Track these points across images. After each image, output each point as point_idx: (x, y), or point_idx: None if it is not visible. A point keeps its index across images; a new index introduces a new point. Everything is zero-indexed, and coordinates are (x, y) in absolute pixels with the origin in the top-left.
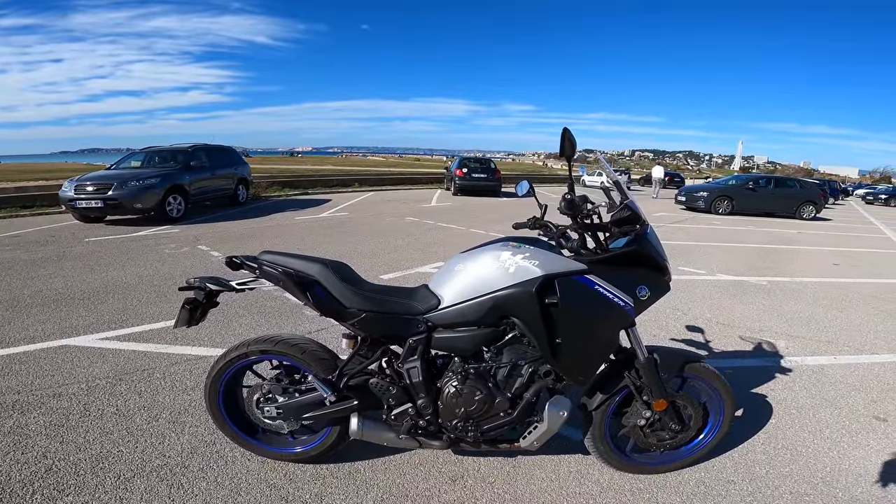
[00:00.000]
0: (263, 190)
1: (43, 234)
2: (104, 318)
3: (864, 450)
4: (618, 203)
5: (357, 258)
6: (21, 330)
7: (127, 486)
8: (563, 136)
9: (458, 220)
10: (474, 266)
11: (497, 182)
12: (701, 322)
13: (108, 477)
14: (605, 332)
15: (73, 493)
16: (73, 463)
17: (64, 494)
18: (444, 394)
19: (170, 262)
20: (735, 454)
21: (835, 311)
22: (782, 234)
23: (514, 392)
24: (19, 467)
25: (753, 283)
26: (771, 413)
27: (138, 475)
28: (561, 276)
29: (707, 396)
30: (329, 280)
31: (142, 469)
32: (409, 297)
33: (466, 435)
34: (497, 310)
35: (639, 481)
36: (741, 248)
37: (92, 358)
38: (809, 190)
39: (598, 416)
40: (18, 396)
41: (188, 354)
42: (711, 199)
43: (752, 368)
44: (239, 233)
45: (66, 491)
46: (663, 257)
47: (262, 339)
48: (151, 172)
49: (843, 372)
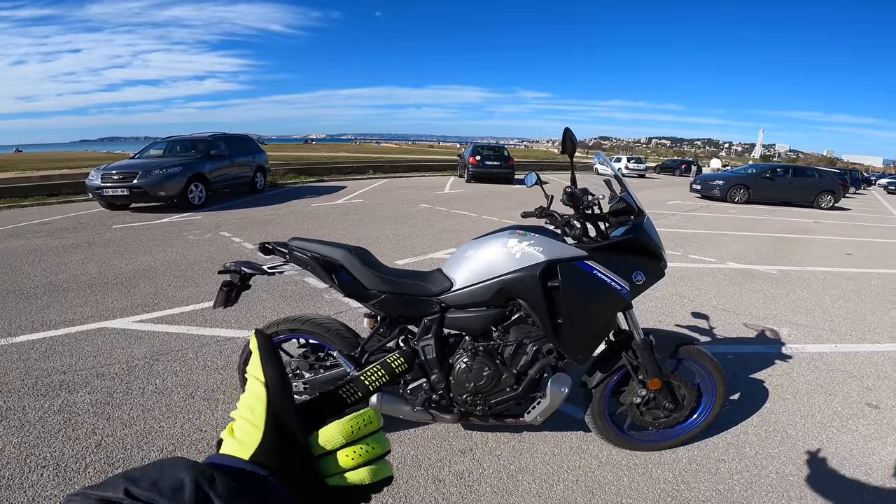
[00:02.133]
0: (280, 177)
1: (72, 222)
2: (137, 301)
3: (852, 434)
4: (617, 195)
5: (373, 244)
6: (60, 313)
7: None
8: (565, 135)
9: (470, 207)
10: (484, 252)
11: (510, 169)
12: (707, 309)
13: (152, 451)
14: (602, 313)
15: (122, 467)
16: (119, 438)
17: (114, 468)
18: (456, 369)
19: (194, 247)
20: (728, 435)
21: (841, 301)
22: (798, 223)
23: (519, 369)
24: (71, 444)
25: (763, 272)
26: (767, 397)
27: (179, 449)
28: (562, 262)
29: (700, 378)
30: (352, 264)
31: (181, 443)
32: (425, 280)
33: (475, 409)
34: (504, 292)
35: (635, 457)
36: (754, 237)
37: (129, 339)
38: (828, 179)
39: (597, 393)
40: (64, 377)
41: (217, 336)
42: (727, 188)
43: (753, 354)
44: (258, 219)
45: (116, 465)
46: (659, 245)
47: (291, 319)
48: (174, 161)
49: (841, 360)
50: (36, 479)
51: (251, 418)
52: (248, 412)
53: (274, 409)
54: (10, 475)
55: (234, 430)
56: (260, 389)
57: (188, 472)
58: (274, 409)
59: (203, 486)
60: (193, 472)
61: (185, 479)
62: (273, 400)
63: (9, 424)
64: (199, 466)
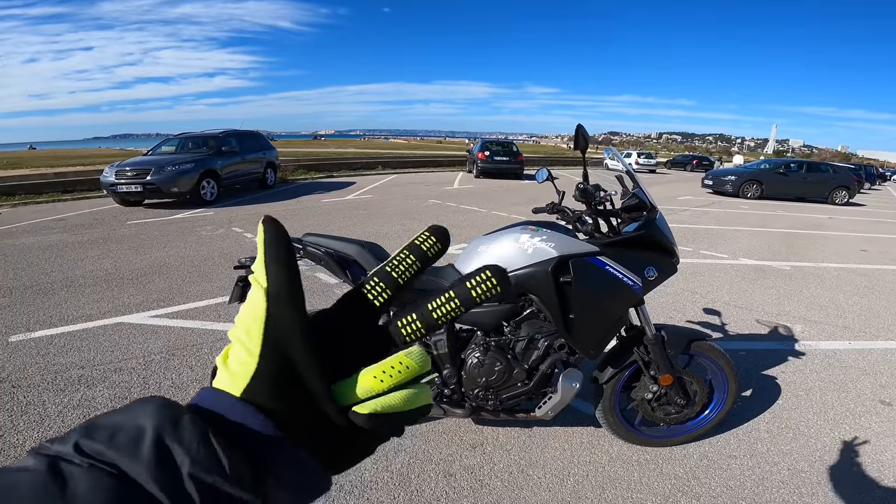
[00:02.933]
0: (290, 173)
1: (86, 218)
2: (152, 296)
3: (865, 432)
4: (629, 191)
5: (383, 240)
6: (78, 308)
7: None
8: (577, 132)
9: (480, 202)
10: (496, 247)
11: (519, 165)
12: (719, 305)
13: None
14: (614, 308)
15: None
16: None
17: None
18: (467, 364)
19: (207, 243)
20: (739, 431)
21: (855, 297)
22: (812, 219)
23: (530, 364)
24: None
25: (776, 268)
26: (779, 394)
27: None
28: (575, 257)
29: (712, 374)
30: (365, 259)
31: None
32: (437, 275)
33: (486, 404)
34: (516, 287)
35: (646, 453)
36: (767, 233)
37: (146, 334)
38: (842, 175)
39: (608, 389)
40: (83, 371)
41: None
42: (740, 183)
43: (765, 351)
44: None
45: None
46: (672, 241)
47: None
48: (186, 157)
49: (855, 357)
50: None
51: (246, 341)
52: (244, 332)
53: (275, 329)
54: None
55: (227, 357)
56: (260, 299)
57: (152, 419)
58: (275, 329)
59: (165, 437)
60: (158, 419)
61: (145, 428)
62: (274, 315)
63: (29, 419)
64: (171, 410)
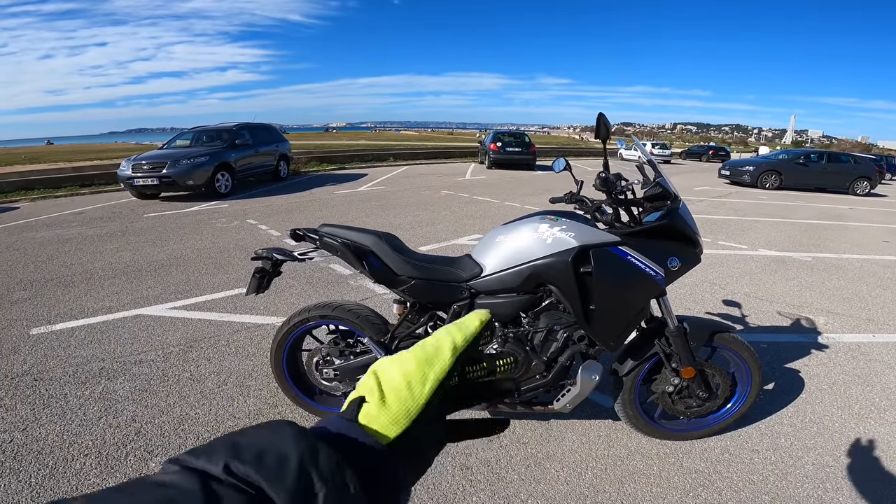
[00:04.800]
0: (303, 165)
1: (105, 211)
2: (170, 288)
3: (890, 426)
4: (651, 180)
5: (396, 231)
6: (98, 301)
7: None
8: (599, 120)
9: (492, 193)
10: (514, 237)
11: (532, 156)
12: (739, 297)
13: (189, 438)
14: (636, 299)
15: (161, 454)
16: (158, 426)
17: (153, 455)
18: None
19: (223, 235)
20: (762, 425)
21: (879, 290)
22: (832, 209)
23: (549, 356)
24: (112, 431)
25: (797, 259)
26: (802, 388)
27: (214, 436)
28: (595, 247)
29: (735, 366)
30: (382, 250)
31: (216, 430)
32: (454, 266)
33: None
34: (535, 278)
35: (665, 447)
36: (787, 224)
37: (164, 326)
38: (864, 165)
39: (628, 381)
40: (104, 364)
41: (247, 322)
42: (758, 174)
43: (788, 344)
44: (283, 207)
45: (155, 452)
46: (695, 231)
47: (321, 306)
48: (201, 151)
49: (879, 350)
50: (79, 468)
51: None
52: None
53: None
54: (55, 463)
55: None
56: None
57: (295, 446)
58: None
59: (306, 464)
60: (300, 446)
61: (290, 455)
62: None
63: (51, 413)
64: (306, 437)
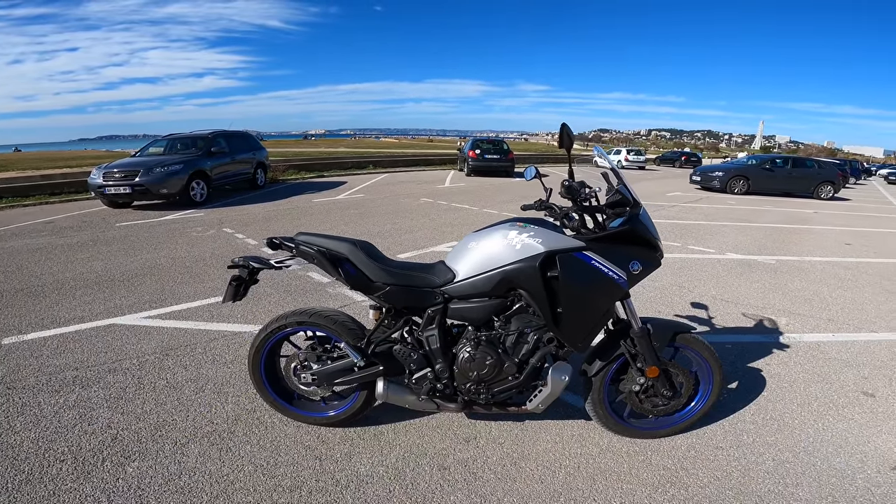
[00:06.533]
0: (281, 173)
1: (75, 220)
2: (144, 298)
3: (847, 423)
4: (614, 187)
5: (375, 238)
6: (70, 310)
7: (183, 451)
8: (562, 130)
9: (471, 200)
10: (485, 243)
11: (510, 163)
12: (706, 299)
13: (166, 443)
14: (600, 302)
15: (138, 459)
16: (134, 432)
17: (130, 461)
18: (459, 359)
19: (198, 244)
20: (725, 423)
21: (839, 290)
22: (798, 213)
23: (521, 357)
24: (88, 437)
25: (761, 262)
26: (764, 386)
27: (192, 441)
28: (561, 252)
29: (697, 366)
30: (357, 257)
31: (194, 436)
32: (428, 272)
33: (479, 397)
34: (505, 282)
35: (635, 444)
36: (754, 228)
37: (139, 335)
38: (828, 170)
39: (597, 381)
40: (77, 372)
41: (224, 331)
42: (727, 179)
43: (751, 344)
44: (260, 215)
45: (132, 457)
46: (655, 235)
47: (298, 312)
48: (175, 159)
49: (838, 349)
50: (55, 473)
51: None
52: None
53: None
54: (30, 469)
55: None
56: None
57: None
58: None
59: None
60: None
61: None
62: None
63: (26, 420)
64: None
